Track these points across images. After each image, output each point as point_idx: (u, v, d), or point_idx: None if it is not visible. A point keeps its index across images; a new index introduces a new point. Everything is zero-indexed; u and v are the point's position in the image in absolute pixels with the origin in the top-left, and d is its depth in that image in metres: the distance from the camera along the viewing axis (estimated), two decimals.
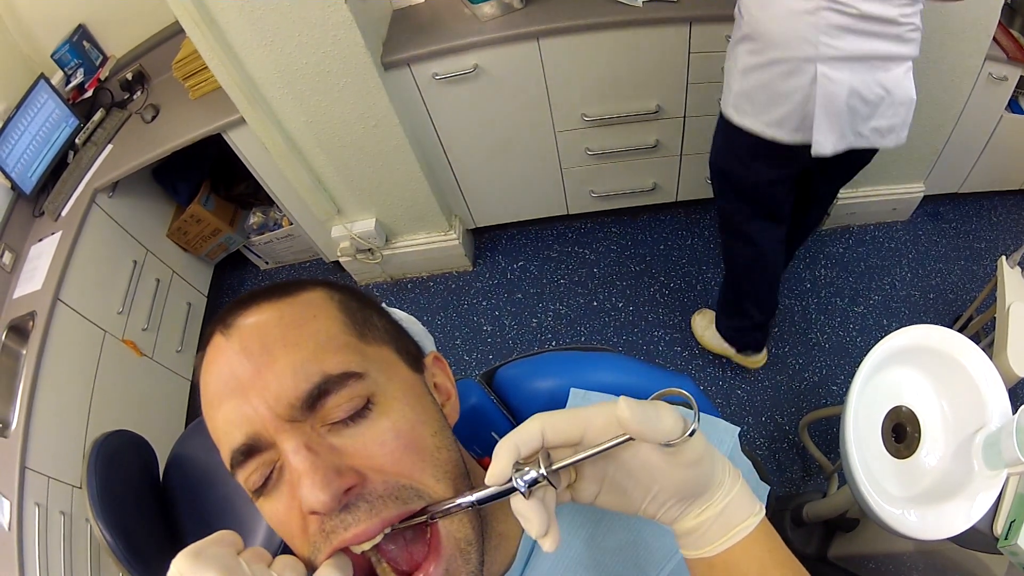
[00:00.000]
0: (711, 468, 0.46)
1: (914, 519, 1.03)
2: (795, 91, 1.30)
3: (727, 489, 0.46)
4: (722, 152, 1.59)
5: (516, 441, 0.43)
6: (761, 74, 1.34)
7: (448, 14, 1.89)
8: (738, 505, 0.46)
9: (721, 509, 0.46)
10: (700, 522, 0.46)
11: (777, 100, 1.34)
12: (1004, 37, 1.83)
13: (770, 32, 1.28)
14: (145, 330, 2.17)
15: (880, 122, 1.33)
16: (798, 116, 1.33)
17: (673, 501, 0.46)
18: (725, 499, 0.46)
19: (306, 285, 0.54)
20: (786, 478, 1.93)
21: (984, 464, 1.04)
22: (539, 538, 0.43)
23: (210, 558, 0.41)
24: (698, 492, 0.46)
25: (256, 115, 1.84)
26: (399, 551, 0.48)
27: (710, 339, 2.13)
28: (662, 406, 0.43)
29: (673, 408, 0.44)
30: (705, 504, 0.46)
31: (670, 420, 0.43)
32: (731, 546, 0.46)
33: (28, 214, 2.13)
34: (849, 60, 1.24)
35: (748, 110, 1.41)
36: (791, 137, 1.37)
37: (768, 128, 1.39)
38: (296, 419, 0.45)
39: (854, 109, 1.29)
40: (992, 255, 2.29)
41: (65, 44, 2.25)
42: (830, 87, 1.26)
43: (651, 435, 0.42)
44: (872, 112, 1.31)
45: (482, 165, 2.24)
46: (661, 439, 0.42)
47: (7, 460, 1.57)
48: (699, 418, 0.43)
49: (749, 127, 1.42)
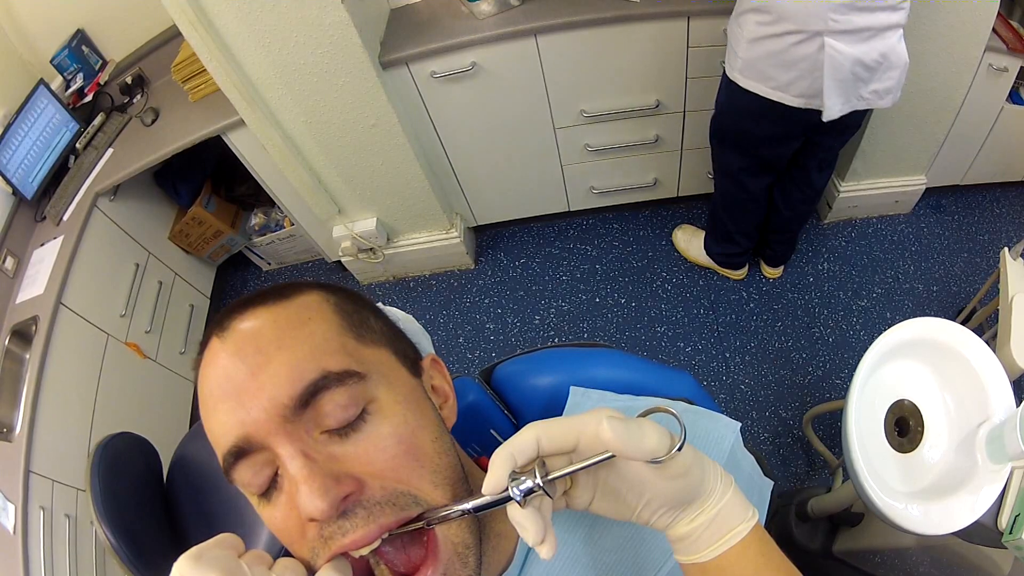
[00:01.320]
0: (701, 477, 0.46)
1: (917, 514, 1.02)
2: (803, 59, 1.42)
3: (719, 495, 0.47)
4: (726, 111, 1.72)
5: (512, 451, 0.43)
6: (771, 43, 1.44)
7: (445, 12, 1.89)
8: (731, 511, 0.47)
9: (714, 515, 0.46)
10: (693, 528, 0.46)
11: (785, 67, 1.46)
12: (1004, 28, 1.81)
13: (783, 6, 1.36)
14: (148, 332, 2.18)
15: (878, 85, 1.48)
16: (806, 82, 1.46)
17: (665, 509, 0.46)
18: (718, 505, 0.46)
19: (302, 288, 0.53)
20: (791, 473, 1.93)
21: (988, 458, 1.03)
22: (536, 546, 0.43)
23: (211, 560, 0.41)
24: (689, 500, 0.46)
25: (255, 116, 1.84)
26: (397, 554, 0.48)
27: (695, 253, 2.34)
28: (646, 424, 0.43)
29: (659, 425, 0.44)
30: (697, 510, 0.46)
31: (654, 438, 0.43)
32: (724, 551, 0.46)
33: (30, 219, 2.13)
34: (853, 33, 1.37)
35: (754, 75, 1.52)
36: (796, 102, 1.51)
37: (774, 92, 1.51)
38: (289, 419, 0.45)
39: (857, 75, 1.43)
40: (995, 247, 2.27)
41: (64, 49, 2.25)
42: (837, 57, 1.39)
43: (634, 454, 0.42)
44: (872, 76, 1.45)
45: (482, 163, 2.24)
46: (645, 457, 0.42)
47: (11, 464, 1.57)
48: (685, 434, 0.43)
49: (755, 90, 1.53)
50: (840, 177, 2.25)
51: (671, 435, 0.44)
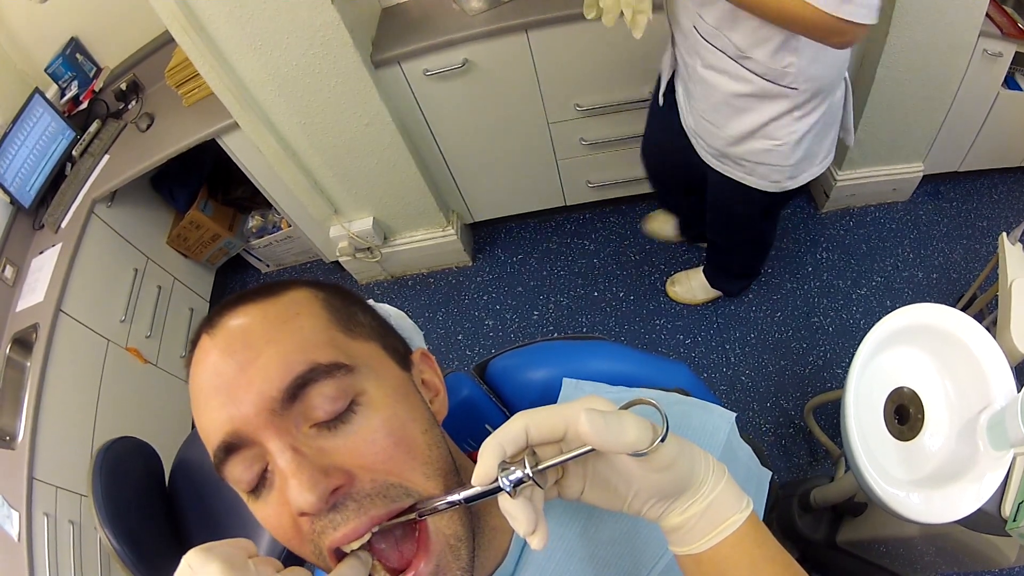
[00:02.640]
0: (689, 469, 0.45)
1: (919, 502, 1.02)
2: (838, 112, 1.38)
3: (712, 486, 0.46)
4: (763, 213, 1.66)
5: (500, 441, 0.43)
6: (819, 126, 1.34)
7: (436, 10, 1.88)
8: (724, 501, 0.46)
9: (706, 506, 0.46)
10: (685, 519, 0.46)
11: (829, 133, 1.39)
12: (997, 13, 1.80)
13: (824, 77, 1.25)
14: (148, 337, 2.18)
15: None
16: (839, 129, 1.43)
17: (654, 500, 0.46)
18: (709, 496, 0.46)
19: (291, 285, 0.54)
20: (793, 464, 1.93)
21: (989, 444, 1.02)
22: (527, 536, 0.43)
23: (219, 553, 0.42)
24: (677, 491, 0.45)
25: (249, 119, 1.84)
26: (390, 550, 0.48)
27: (703, 295, 2.22)
28: (626, 417, 0.42)
29: (639, 417, 0.43)
30: (689, 501, 0.46)
31: (633, 431, 0.42)
32: (718, 543, 0.45)
33: (28, 227, 2.14)
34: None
35: (807, 165, 1.42)
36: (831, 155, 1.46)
37: (826, 162, 1.45)
38: (278, 412, 0.45)
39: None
40: (994, 233, 2.26)
41: (58, 57, 2.25)
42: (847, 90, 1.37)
43: (613, 447, 0.42)
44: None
45: (477, 160, 2.24)
46: (625, 450, 0.42)
47: (15, 472, 1.58)
48: (668, 426, 0.43)
49: (810, 177, 1.45)
50: (837, 166, 2.24)
51: (654, 427, 0.43)
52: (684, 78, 1.45)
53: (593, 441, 0.41)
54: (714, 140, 1.45)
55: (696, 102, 1.43)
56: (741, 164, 1.46)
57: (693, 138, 1.54)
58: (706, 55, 1.29)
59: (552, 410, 0.44)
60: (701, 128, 1.47)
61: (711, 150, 1.50)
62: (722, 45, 1.24)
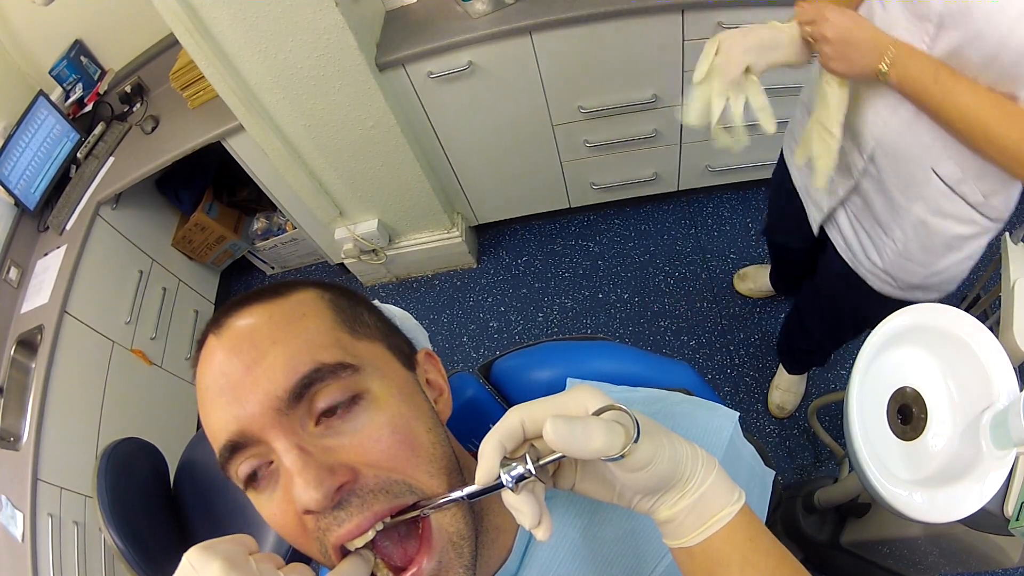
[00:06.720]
0: (670, 467, 0.45)
1: (922, 501, 1.01)
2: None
3: (701, 480, 0.46)
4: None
5: (499, 437, 0.43)
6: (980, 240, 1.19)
7: (440, 13, 1.89)
8: (715, 495, 0.46)
9: (696, 499, 0.45)
10: (675, 512, 0.46)
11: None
12: None
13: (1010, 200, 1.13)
14: (153, 339, 2.19)
15: None
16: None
17: (639, 496, 0.46)
18: (699, 489, 0.46)
19: (296, 285, 0.54)
20: (797, 464, 1.93)
21: (992, 444, 1.02)
22: (532, 529, 0.43)
23: (220, 551, 0.43)
24: (661, 488, 0.45)
25: (254, 121, 1.84)
26: (394, 548, 0.48)
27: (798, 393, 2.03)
28: (592, 424, 0.42)
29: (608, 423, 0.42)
30: (678, 495, 0.46)
31: (600, 438, 0.41)
32: (710, 536, 0.46)
33: (33, 229, 2.15)
34: None
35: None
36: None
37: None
38: (284, 412, 0.46)
39: None
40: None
41: (63, 60, 2.26)
42: None
43: (580, 454, 0.41)
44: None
45: (482, 161, 2.24)
46: (593, 456, 0.42)
47: (19, 472, 1.59)
48: (639, 430, 0.43)
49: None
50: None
51: (625, 431, 0.43)
52: (870, 218, 1.28)
53: (560, 448, 0.41)
54: (913, 277, 1.28)
55: (898, 244, 1.25)
56: (938, 289, 1.30)
57: (870, 275, 1.35)
58: (942, 202, 1.13)
59: (546, 402, 0.45)
60: (895, 266, 1.28)
61: (901, 284, 1.30)
62: (964, 192, 1.10)
